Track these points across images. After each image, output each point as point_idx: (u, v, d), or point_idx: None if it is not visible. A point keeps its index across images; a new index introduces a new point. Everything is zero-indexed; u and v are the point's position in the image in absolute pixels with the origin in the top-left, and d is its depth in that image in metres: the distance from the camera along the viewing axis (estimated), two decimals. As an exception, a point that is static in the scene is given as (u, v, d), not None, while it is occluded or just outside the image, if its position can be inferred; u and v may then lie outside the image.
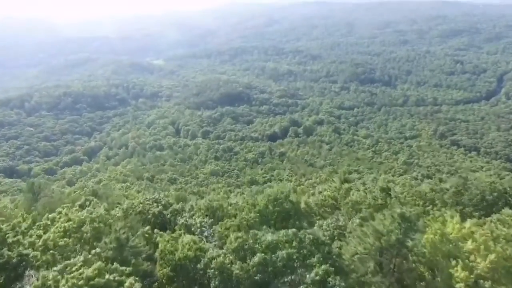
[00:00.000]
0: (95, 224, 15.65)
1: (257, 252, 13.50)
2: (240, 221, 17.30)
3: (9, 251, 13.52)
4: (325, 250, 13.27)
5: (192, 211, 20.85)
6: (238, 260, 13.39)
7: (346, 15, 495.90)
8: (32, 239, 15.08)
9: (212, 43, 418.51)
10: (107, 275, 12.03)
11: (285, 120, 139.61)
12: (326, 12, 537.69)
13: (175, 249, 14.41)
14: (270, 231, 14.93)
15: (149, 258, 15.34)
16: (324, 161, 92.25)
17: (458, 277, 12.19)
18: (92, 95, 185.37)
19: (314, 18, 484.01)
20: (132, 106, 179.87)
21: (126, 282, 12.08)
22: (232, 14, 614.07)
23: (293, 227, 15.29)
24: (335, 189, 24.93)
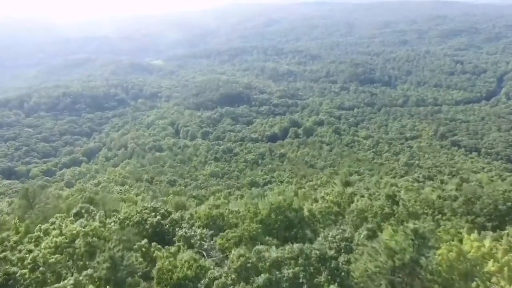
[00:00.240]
0: (89, 239, 14.96)
1: (261, 271, 12.80)
2: (242, 232, 16.67)
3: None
4: (331, 265, 12.62)
5: (191, 220, 20.17)
6: (241, 280, 12.70)
7: (346, 15, 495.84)
8: (21, 255, 14.33)
9: (211, 43, 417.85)
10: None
11: (285, 121, 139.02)
12: (326, 12, 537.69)
13: (174, 266, 13.69)
14: (274, 243, 14.28)
15: (146, 276, 14.60)
16: (325, 162, 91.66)
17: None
18: (91, 95, 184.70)
19: (314, 18, 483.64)
20: (132, 106, 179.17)
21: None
22: (232, 14, 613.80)
23: (297, 237, 14.67)
24: (338, 194, 24.37)
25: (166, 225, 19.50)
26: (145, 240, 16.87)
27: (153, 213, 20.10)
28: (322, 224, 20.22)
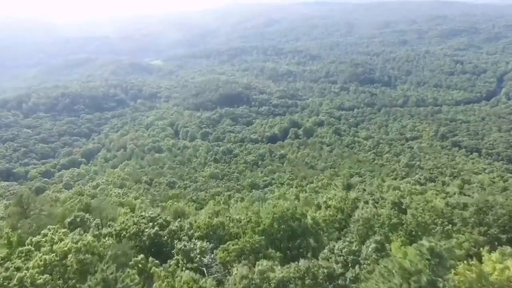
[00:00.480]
0: (81, 256, 14.23)
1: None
2: (244, 244, 16.01)
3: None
4: (339, 282, 12.00)
5: (191, 231, 19.47)
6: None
7: (345, 15, 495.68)
8: (8, 274, 13.57)
9: (211, 43, 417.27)
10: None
11: (285, 121, 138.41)
12: (326, 12, 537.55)
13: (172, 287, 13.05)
14: (277, 256, 13.62)
15: (142, 296, 13.94)
16: (325, 163, 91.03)
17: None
18: (91, 96, 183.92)
19: (314, 18, 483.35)
20: (131, 107, 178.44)
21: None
22: (231, 14, 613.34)
23: (301, 247, 14.03)
24: (341, 199, 23.78)
25: (164, 237, 18.82)
26: (142, 256, 16.13)
27: (151, 224, 19.43)
28: (326, 233, 19.63)
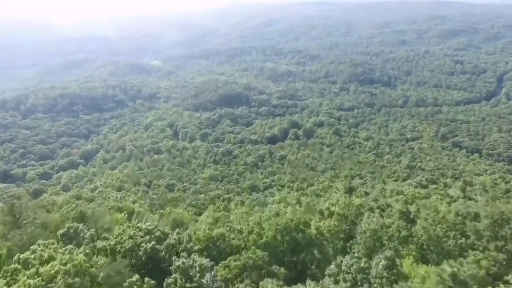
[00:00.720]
0: (69, 280, 13.36)
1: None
2: (246, 260, 15.27)
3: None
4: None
5: (190, 243, 18.69)
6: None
7: (345, 15, 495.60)
8: None
9: (211, 43, 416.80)
10: None
11: (284, 122, 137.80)
12: (325, 12, 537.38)
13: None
14: (282, 272, 12.92)
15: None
16: (325, 164, 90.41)
17: None
18: (89, 96, 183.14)
19: (313, 18, 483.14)
20: (130, 107, 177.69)
21: None
22: (231, 14, 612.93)
23: (305, 261, 13.37)
24: (344, 205, 23.15)
25: (162, 252, 18.01)
26: (137, 276, 15.39)
27: (147, 237, 18.63)
28: (331, 244, 18.94)
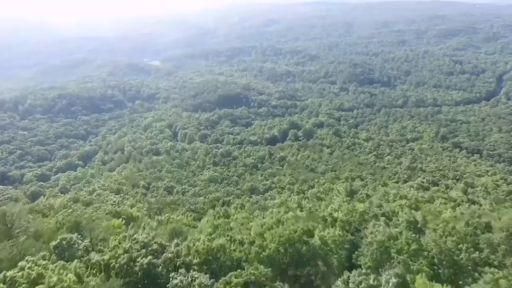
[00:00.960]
0: None
1: None
2: (248, 276, 14.57)
3: None
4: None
5: (188, 257, 17.95)
6: None
7: (344, 15, 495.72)
8: None
9: (210, 43, 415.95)
10: None
11: (284, 123, 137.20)
12: (325, 12, 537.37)
13: None
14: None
15: None
16: (326, 166, 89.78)
17: None
18: (88, 97, 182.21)
19: (313, 18, 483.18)
20: (129, 108, 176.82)
21: None
22: (230, 14, 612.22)
23: (310, 276, 12.73)
24: (348, 211, 22.54)
25: (159, 267, 17.20)
26: None
27: (144, 250, 17.83)
28: (336, 254, 18.28)
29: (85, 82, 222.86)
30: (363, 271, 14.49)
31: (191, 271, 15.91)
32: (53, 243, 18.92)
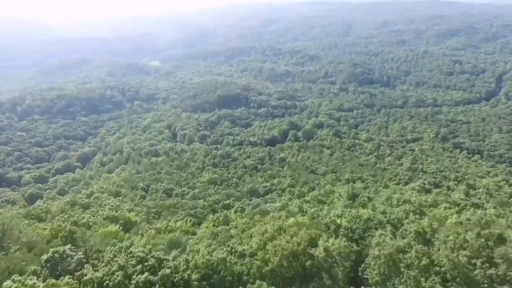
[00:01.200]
0: None
1: None
2: None
3: None
4: None
5: (187, 271, 17.22)
6: None
7: (343, 15, 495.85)
8: None
9: (209, 43, 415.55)
10: None
11: (284, 123, 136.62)
12: (324, 12, 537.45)
13: None
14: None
15: None
16: (326, 167, 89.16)
17: None
18: (87, 98, 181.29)
19: (312, 18, 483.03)
20: (128, 109, 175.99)
21: None
22: (229, 14, 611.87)
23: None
24: (351, 218, 21.94)
25: (156, 285, 16.49)
26: None
27: (140, 266, 17.14)
28: (342, 266, 17.67)
29: (84, 82, 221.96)
30: (369, 280, 13.90)
31: (190, 288, 15.39)
32: (45, 256, 18.19)
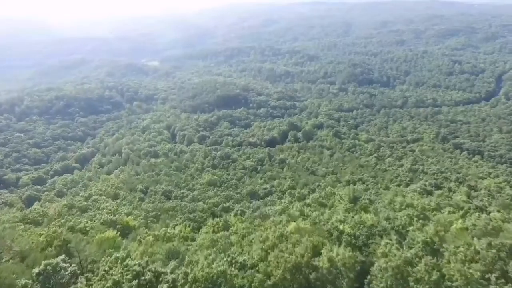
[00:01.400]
0: None
1: None
2: None
3: None
4: None
5: (186, 284, 16.61)
6: None
7: (343, 15, 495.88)
8: None
9: (209, 43, 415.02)
10: None
11: (283, 124, 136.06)
12: (323, 12, 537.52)
13: None
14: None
15: None
16: (326, 168, 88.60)
17: None
18: (85, 98, 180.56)
19: (311, 18, 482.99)
20: (127, 109, 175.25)
21: None
22: (229, 14, 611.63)
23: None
24: (355, 224, 21.40)
25: None
26: None
27: (136, 282, 16.54)
28: (346, 278, 17.12)
29: (83, 83, 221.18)
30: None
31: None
32: (36, 269, 17.54)
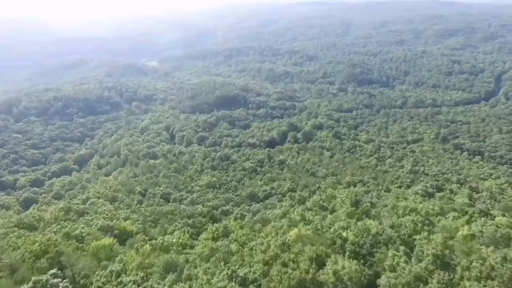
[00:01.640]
0: None
1: None
2: None
3: None
4: None
5: None
6: None
7: (342, 15, 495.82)
8: None
9: (208, 43, 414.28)
10: None
11: (283, 124, 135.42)
12: (323, 12, 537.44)
13: None
14: None
15: None
16: (326, 170, 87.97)
17: None
18: (84, 99, 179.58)
19: (311, 18, 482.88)
20: (125, 110, 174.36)
21: None
22: (228, 14, 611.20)
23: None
24: (359, 232, 20.78)
25: None
26: None
27: None
28: None
29: (82, 83, 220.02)
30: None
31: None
32: (25, 287, 16.89)
